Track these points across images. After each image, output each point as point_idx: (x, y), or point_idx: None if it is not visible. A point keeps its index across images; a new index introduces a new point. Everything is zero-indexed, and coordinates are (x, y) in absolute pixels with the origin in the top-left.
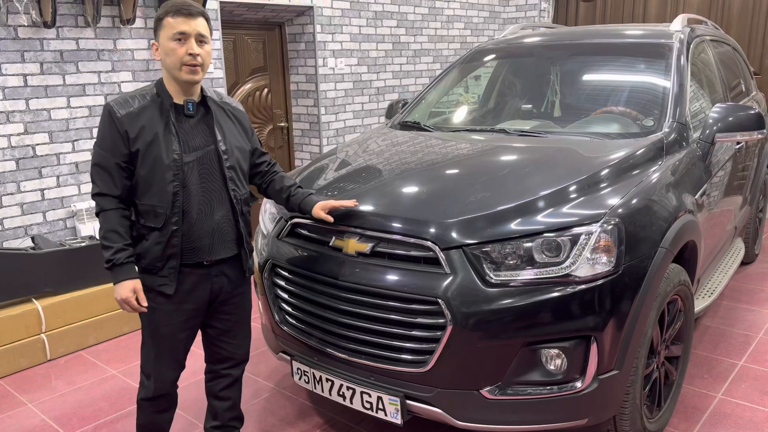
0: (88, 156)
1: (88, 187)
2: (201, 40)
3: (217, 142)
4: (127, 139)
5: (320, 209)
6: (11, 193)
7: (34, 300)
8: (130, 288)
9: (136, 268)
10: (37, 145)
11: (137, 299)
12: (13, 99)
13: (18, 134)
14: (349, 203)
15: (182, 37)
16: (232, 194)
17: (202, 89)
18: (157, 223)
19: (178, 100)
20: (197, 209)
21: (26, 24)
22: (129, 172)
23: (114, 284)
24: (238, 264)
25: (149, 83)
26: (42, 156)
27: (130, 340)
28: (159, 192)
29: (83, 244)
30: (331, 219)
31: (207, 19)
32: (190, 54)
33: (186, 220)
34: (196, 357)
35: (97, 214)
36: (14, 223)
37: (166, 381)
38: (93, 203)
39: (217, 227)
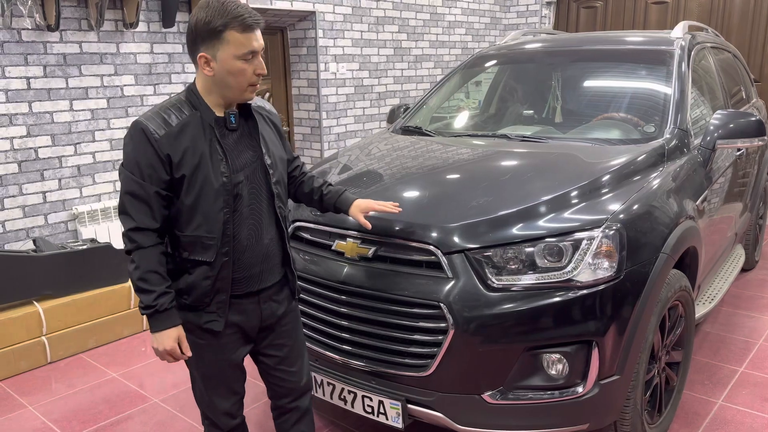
0: (90, 159)
1: (89, 190)
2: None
3: (263, 156)
4: (169, 164)
5: (359, 211)
6: (13, 196)
7: (35, 302)
8: (175, 337)
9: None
10: (40, 147)
11: (180, 348)
12: (17, 102)
13: (20, 137)
14: (392, 209)
15: (252, 56)
16: (278, 213)
17: None
18: (207, 257)
19: (219, 112)
20: (247, 235)
21: (30, 27)
22: (168, 201)
23: (153, 332)
24: (284, 287)
25: (173, 94)
26: (44, 159)
27: (130, 344)
28: (208, 221)
29: (84, 247)
30: (369, 226)
31: None
32: (258, 74)
33: (236, 248)
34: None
35: (129, 252)
36: (16, 226)
37: (230, 415)
38: (94, 206)
39: (266, 252)
